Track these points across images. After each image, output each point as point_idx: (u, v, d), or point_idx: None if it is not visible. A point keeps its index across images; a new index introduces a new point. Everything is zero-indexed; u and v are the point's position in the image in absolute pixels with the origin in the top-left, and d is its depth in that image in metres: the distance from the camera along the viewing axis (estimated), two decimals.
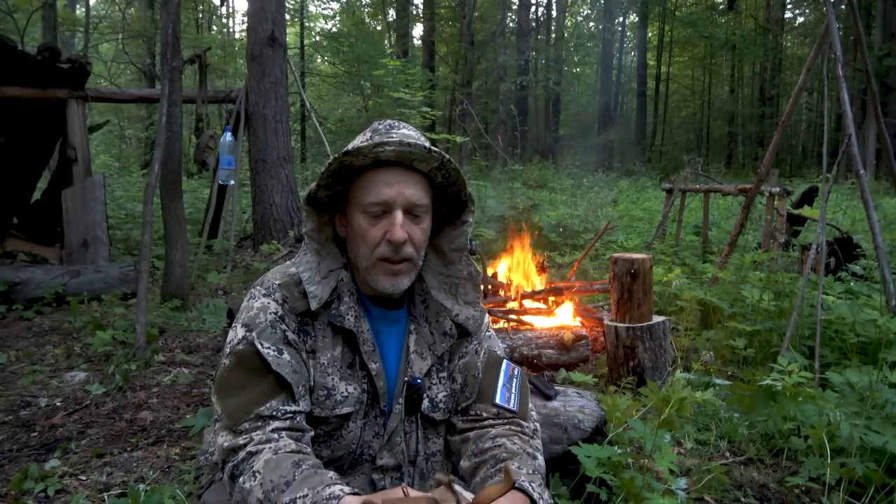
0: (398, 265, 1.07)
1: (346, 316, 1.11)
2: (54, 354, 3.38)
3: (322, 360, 1.10)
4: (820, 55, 3.38)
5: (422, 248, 1.10)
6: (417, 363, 1.16)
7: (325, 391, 1.10)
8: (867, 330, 2.64)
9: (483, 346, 1.21)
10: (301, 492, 0.90)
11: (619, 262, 2.72)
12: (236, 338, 1.07)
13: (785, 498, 1.85)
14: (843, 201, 9.07)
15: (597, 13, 26.68)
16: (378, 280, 1.08)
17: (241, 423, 1.00)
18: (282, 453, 0.97)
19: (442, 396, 1.19)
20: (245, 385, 1.02)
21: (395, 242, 1.03)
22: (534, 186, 10.68)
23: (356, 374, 1.12)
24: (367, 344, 1.12)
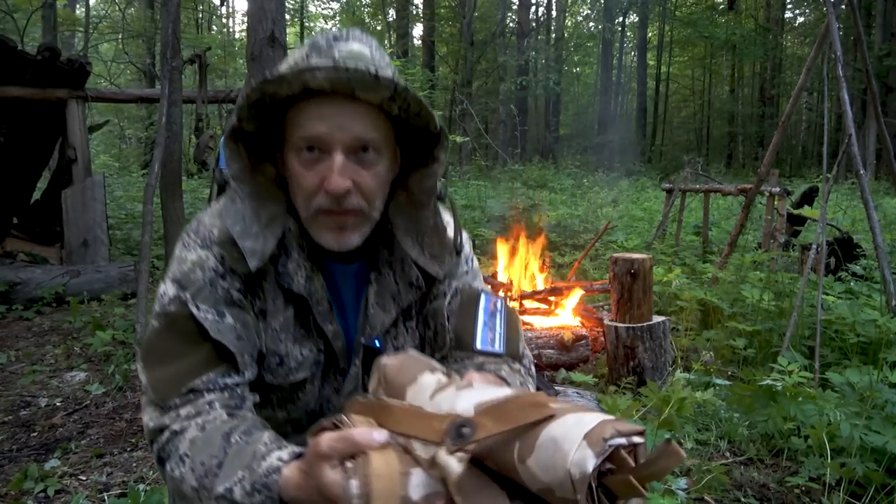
0: (342, 217, 0.86)
1: (294, 276, 0.93)
2: (54, 354, 3.38)
3: (273, 324, 0.94)
4: (820, 55, 3.39)
5: (376, 198, 0.89)
6: (379, 317, 0.99)
7: (278, 358, 0.95)
8: (867, 330, 2.64)
9: (453, 285, 1.02)
10: (235, 475, 0.75)
11: (619, 262, 2.72)
12: (166, 296, 0.89)
13: (785, 498, 1.85)
14: (843, 201, 9.07)
15: (597, 13, 26.67)
16: (320, 235, 0.88)
17: (171, 399, 0.83)
18: (210, 428, 0.81)
19: (409, 347, 1.02)
20: (176, 354, 0.85)
21: (333, 193, 0.82)
22: (534, 186, 10.69)
23: (311, 336, 0.97)
24: (322, 304, 0.95)
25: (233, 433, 0.80)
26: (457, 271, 1.05)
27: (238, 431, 0.81)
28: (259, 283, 0.93)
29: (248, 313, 0.91)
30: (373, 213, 0.89)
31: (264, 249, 0.88)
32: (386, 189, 0.91)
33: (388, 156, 0.89)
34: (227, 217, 0.88)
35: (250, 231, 0.88)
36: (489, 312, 0.99)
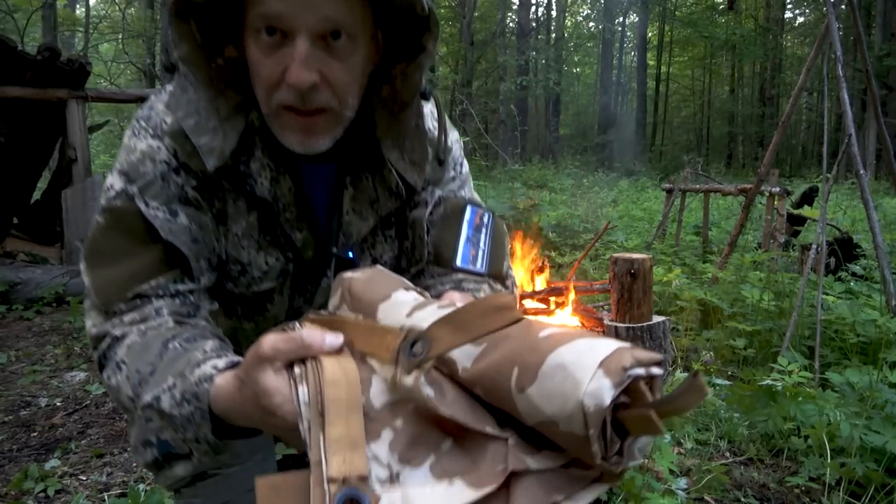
0: (309, 118, 0.73)
1: (258, 178, 0.81)
2: (54, 354, 3.38)
3: (235, 229, 0.84)
4: (820, 55, 3.38)
5: (349, 94, 0.75)
6: (355, 224, 0.89)
7: (240, 266, 0.86)
8: (867, 330, 2.64)
9: (436, 193, 0.91)
10: (165, 382, 0.66)
11: (619, 262, 2.72)
12: (112, 189, 0.78)
13: (785, 498, 1.85)
14: (843, 201, 9.07)
15: (597, 13, 26.69)
16: (284, 136, 0.76)
17: (115, 305, 0.75)
18: (151, 334, 0.73)
19: (387, 257, 0.94)
20: (123, 255, 0.76)
21: (296, 87, 0.69)
22: (534, 186, 10.69)
23: (278, 244, 0.87)
24: (289, 210, 0.84)
25: (173, 340, 0.71)
26: (442, 177, 0.93)
27: (179, 338, 0.72)
28: (218, 184, 0.82)
29: (204, 214, 0.81)
30: (345, 112, 0.76)
31: (223, 147, 0.76)
32: (362, 83, 0.77)
33: (365, 43, 0.75)
34: (177, 109, 0.76)
35: (206, 125, 0.75)
36: (474, 226, 0.89)
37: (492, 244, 0.90)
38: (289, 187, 0.83)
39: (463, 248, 0.87)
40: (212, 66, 0.77)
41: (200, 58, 0.75)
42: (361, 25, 0.73)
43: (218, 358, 0.68)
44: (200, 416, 0.64)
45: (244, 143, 0.81)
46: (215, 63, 0.77)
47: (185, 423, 0.65)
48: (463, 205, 0.90)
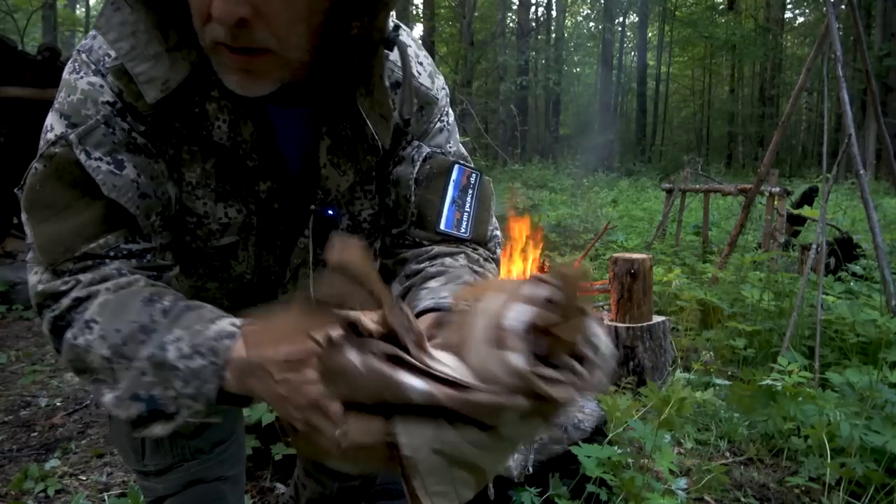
0: (247, 58, 0.63)
1: (214, 122, 0.73)
2: (54, 354, 3.38)
3: (189, 177, 0.76)
4: (820, 55, 3.38)
5: (291, 33, 0.62)
6: (334, 178, 0.80)
7: (195, 218, 0.78)
8: (867, 330, 2.64)
9: (423, 150, 0.84)
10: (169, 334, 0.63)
11: (619, 262, 2.72)
12: (52, 132, 0.70)
13: (785, 498, 1.85)
14: (843, 201, 9.07)
15: (597, 13, 26.70)
16: (223, 76, 0.66)
17: (63, 263, 0.69)
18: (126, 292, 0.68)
19: (367, 215, 0.87)
20: (64, 208, 0.68)
21: (219, 21, 0.59)
22: (534, 186, 10.69)
23: (239, 194, 0.79)
24: (251, 158, 0.76)
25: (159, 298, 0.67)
26: (429, 129, 0.86)
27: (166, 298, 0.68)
28: (169, 126, 0.73)
29: (155, 162, 0.72)
30: (289, 54, 0.64)
31: (168, 78, 0.67)
32: (314, 20, 0.64)
33: None
34: (108, 31, 0.66)
35: (146, 51, 0.66)
36: (460, 187, 0.84)
37: (478, 206, 0.85)
38: (251, 132, 0.75)
39: (448, 211, 0.83)
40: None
41: None
42: None
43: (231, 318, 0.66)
44: (212, 372, 0.62)
45: (198, 81, 0.70)
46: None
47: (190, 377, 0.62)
48: (451, 164, 0.84)
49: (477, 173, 0.87)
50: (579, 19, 31.17)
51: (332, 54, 0.70)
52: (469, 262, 0.84)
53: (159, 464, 0.94)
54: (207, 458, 0.97)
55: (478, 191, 0.86)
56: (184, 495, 0.94)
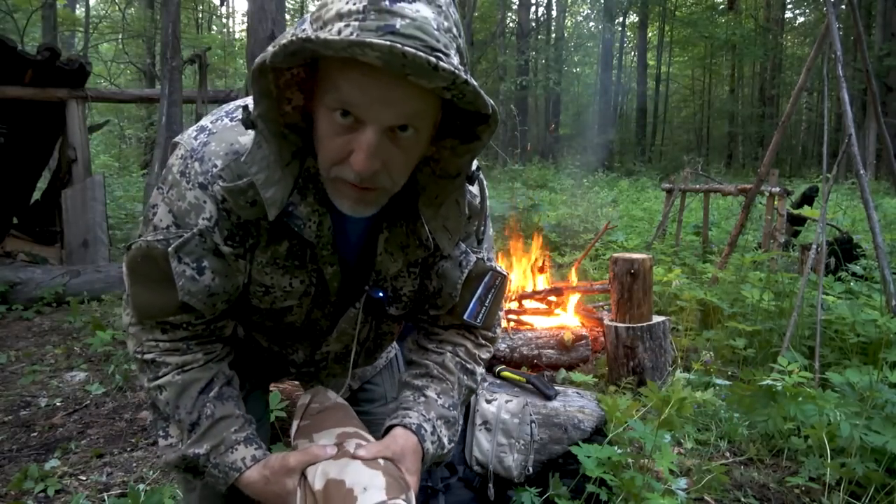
0: (364, 192, 0.79)
1: (307, 222, 0.88)
2: (54, 354, 3.38)
3: (260, 258, 0.91)
4: (820, 55, 3.39)
5: (404, 176, 0.81)
6: (386, 264, 0.98)
7: (263, 288, 0.95)
8: (867, 330, 2.64)
9: (470, 258, 1.02)
10: (202, 447, 0.92)
11: (619, 262, 2.72)
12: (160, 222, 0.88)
13: (785, 498, 1.85)
14: (843, 201, 9.07)
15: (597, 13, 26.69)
16: (336, 199, 0.82)
17: (148, 321, 0.92)
18: (190, 373, 0.93)
19: (408, 290, 1.04)
20: (155, 284, 0.88)
21: (359, 173, 0.75)
22: (534, 186, 10.68)
23: (305, 269, 0.95)
24: (326, 249, 0.92)
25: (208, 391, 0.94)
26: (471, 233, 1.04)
27: (212, 393, 0.94)
28: (257, 223, 0.88)
29: (229, 262, 0.89)
30: (395, 190, 0.82)
31: (283, 196, 0.82)
32: (413, 165, 0.82)
33: (429, 133, 0.80)
34: (251, 164, 0.79)
35: (273, 178, 0.80)
36: (486, 287, 1.04)
37: (493, 303, 1.06)
38: (328, 226, 0.90)
39: (472, 306, 1.03)
40: (280, 114, 0.80)
41: (275, 110, 0.78)
42: (430, 120, 0.77)
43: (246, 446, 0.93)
44: (223, 483, 0.93)
45: (298, 188, 0.86)
46: (282, 110, 0.80)
47: (210, 476, 0.94)
48: (487, 270, 1.03)
49: (502, 276, 1.06)
50: (579, 19, 31.15)
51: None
52: (467, 356, 1.07)
53: None
54: None
55: (498, 290, 1.06)
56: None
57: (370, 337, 1.10)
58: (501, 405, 1.74)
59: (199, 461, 0.92)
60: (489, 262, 1.05)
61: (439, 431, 0.99)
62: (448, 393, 1.04)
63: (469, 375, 1.07)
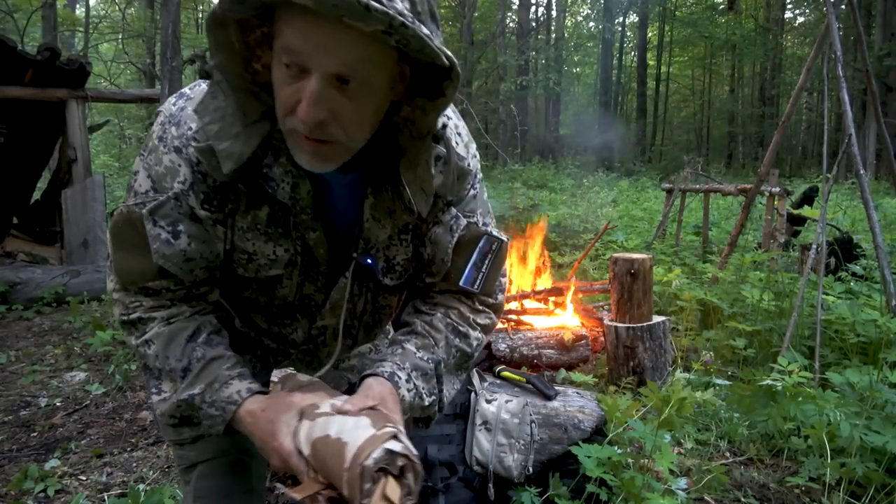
0: (318, 145, 0.78)
1: (280, 183, 0.87)
2: (54, 354, 3.38)
3: (241, 223, 0.91)
4: (820, 55, 3.38)
5: (358, 131, 0.79)
6: (374, 231, 0.96)
7: (246, 255, 0.94)
8: (867, 330, 2.64)
9: (461, 221, 0.99)
10: (195, 388, 0.91)
11: (619, 262, 2.72)
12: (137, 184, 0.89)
13: (785, 498, 1.85)
14: (843, 201, 9.07)
15: (597, 13, 26.68)
16: (295, 153, 0.80)
17: (130, 286, 0.93)
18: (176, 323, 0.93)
19: (401, 259, 1.02)
20: (134, 249, 0.89)
21: (304, 122, 0.74)
22: (534, 186, 10.69)
23: (289, 237, 0.94)
24: (306, 212, 0.91)
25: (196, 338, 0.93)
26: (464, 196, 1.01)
27: (200, 339, 0.93)
28: (234, 186, 0.88)
29: (206, 227, 0.89)
30: (352, 145, 0.80)
31: (242, 151, 0.81)
32: (376, 117, 0.81)
33: (382, 84, 0.77)
34: (204, 115, 0.80)
35: (230, 131, 0.80)
36: (482, 253, 1.01)
37: (491, 268, 1.03)
38: (307, 190, 0.89)
39: (468, 272, 1.01)
40: (248, 70, 0.80)
41: (238, 64, 0.79)
42: (378, 70, 0.75)
43: (239, 379, 0.91)
44: (221, 421, 0.91)
45: (270, 147, 0.86)
46: (252, 68, 0.80)
47: (206, 417, 0.92)
48: (481, 235, 1.01)
49: (499, 241, 1.03)
50: (579, 19, 31.14)
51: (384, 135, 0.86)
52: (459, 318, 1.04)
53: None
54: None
55: (496, 256, 1.03)
56: (213, 463, 1.08)
57: (367, 310, 1.08)
58: (501, 405, 1.74)
59: (194, 402, 0.91)
60: (484, 227, 1.02)
61: (415, 380, 0.97)
62: (429, 348, 1.01)
63: (461, 338, 1.04)
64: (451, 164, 0.94)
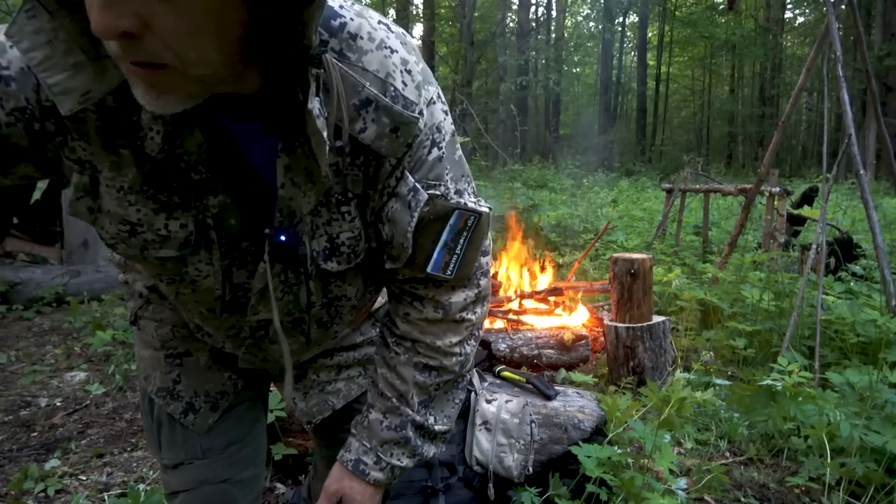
0: (148, 71, 0.55)
1: (148, 132, 0.65)
2: (54, 354, 3.38)
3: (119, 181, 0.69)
4: (820, 55, 3.38)
5: (191, 46, 0.53)
6: (296, 199, 0.74)
7: (128, 226, 0.72)
8: (867, 330, 2.64)
9: (421, 196, 0.77)
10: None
11: (619, 262, 2.72)
12: None
13: (785, 498, 1.85)
14: (843, 201, 9.07)
15: (597, 13, 26.68)
16: (133, 88, 0.58)
17: None
18: None
19: (346, 238, 0.80)
20: None
21: (100, 32, 0.50)
22: (534, 186, 10.69)
23: (188, 206, 0.72)
24: (198, 171, 0.69)
25: None
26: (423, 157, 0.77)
27: None
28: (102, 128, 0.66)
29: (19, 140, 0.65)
30: (193, 70, 0.55)
31: (90, 88, 0.61)
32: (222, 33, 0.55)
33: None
34: (20, 40, 0.59)
35: (64, 61, 0.60)
36: (455, 231, 0.81)
37: (468, 248, 0.84)
38: (198, 143, 0.68)
39: (437, 255, 0.82)
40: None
41: None
42: None
43: None
44: None
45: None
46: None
47: None
48: (450, 211, 0.80)
49: (476, 215, 0.82)
50: (579, 19, 31.16)
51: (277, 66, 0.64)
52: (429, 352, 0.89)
53: (172, 458, 1.00)
54: (219, 457, 1.00)
55: (472, 233, 0.83)
56: (194, 493, 0.98)
57: (314, 302, 0.87)
58: (501, 405, 1.74)
59: None
60: (452, 199, 0.79)
61: (385, 458, 0.91)
62: (395, 411, 0.91)
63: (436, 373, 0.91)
64: (379, 107, 0.70)
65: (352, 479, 0.91)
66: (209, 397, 1.01)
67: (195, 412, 1.00)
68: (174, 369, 1.00)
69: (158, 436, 1.01)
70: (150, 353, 1.01)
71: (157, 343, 1.00)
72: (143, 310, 1.01)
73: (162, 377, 1.00)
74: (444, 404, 0.94)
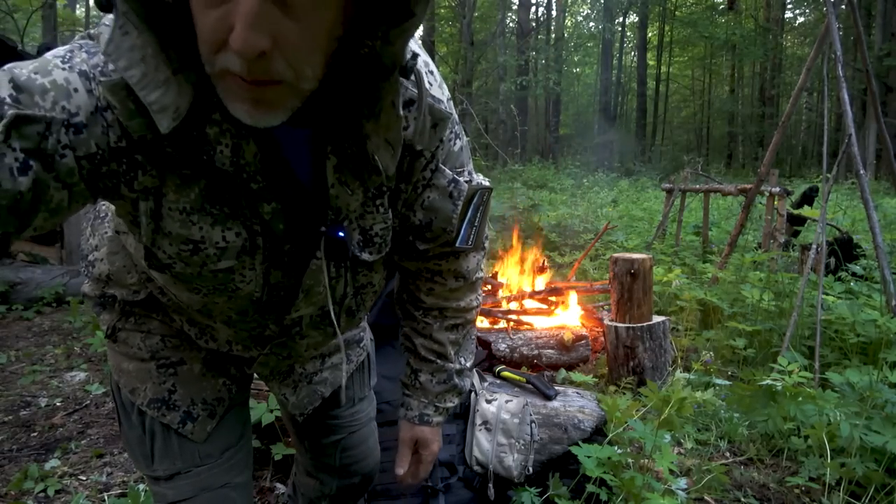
0: (257, 87, 0.58)
1: (217, 146, 0.67)
2: (54, 354, 3.38)
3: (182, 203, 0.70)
4: (820, 55, 3.38)
5: (308, 64, 0.59)
6: (344, 197, 0.78)
7: (191, 245, 0.73)
8: (867, 330, 2.64)
9: (461, 186, 0.86)
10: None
11: (619, 262, 2.72)
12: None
13: (785, 498, 1.85)
14: (843, 201, 9.07)
15: (597, 13, 26.68)
16: (229, 103, 0.60)
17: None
18: None
19: (378, 229, 0.84)
20: None
21: (241, 54, 0.54)
22: (534, 186, 10.69)
23: (239, 216, 0.74)
24: (255, 181, 0.71)
25: None
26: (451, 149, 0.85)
27: None
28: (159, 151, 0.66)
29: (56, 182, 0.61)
30: (303, 85, 0.60)
31: (178, 103, 0.61)
32: (328, 49, 0.61)
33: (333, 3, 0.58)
34: (118, 58, 0.58)
35: (156, 77, 0.59)
36: (475, 208, 0.91)
37: (482, 221, 0.94)
38: (254, 153, 0.69)
39: (464, 231, 0.92)
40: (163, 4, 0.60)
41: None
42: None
43: None
44: None
45: (199, 102, 0.64)
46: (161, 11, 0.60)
47: None
48: (474, 192, 0.90)
49: (489, 191, 0.92)
50: (579, 19, 31.16)
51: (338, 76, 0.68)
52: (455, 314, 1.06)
53: (168, 469, 0.97)
54: (217, 462, 0.99)
55: (485, 206, 0.93)
56: (194, 501, 0.97)
57: (347, 293, 0.91)
58: (501, 405, 1.74)
59: None
60: (475, 182, 0.90)
61: (442, 404, 1.10)
62: (440, 371, 1.08)
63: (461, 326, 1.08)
64: (423, 108, 0.76)
65: (421, 428, 1.10)
66: (206, 405, 0.99)
67: (193, 421, 0.98)
68: (168, 379, 0.98)
69: (151, 448, 0.98)
70: (137, 364, 0.97)
71: (145, 354, 0.97)
72: (123, 322, 0.97)
73: (154, 388, 0.97)
74: (468, 344, 1.12)
